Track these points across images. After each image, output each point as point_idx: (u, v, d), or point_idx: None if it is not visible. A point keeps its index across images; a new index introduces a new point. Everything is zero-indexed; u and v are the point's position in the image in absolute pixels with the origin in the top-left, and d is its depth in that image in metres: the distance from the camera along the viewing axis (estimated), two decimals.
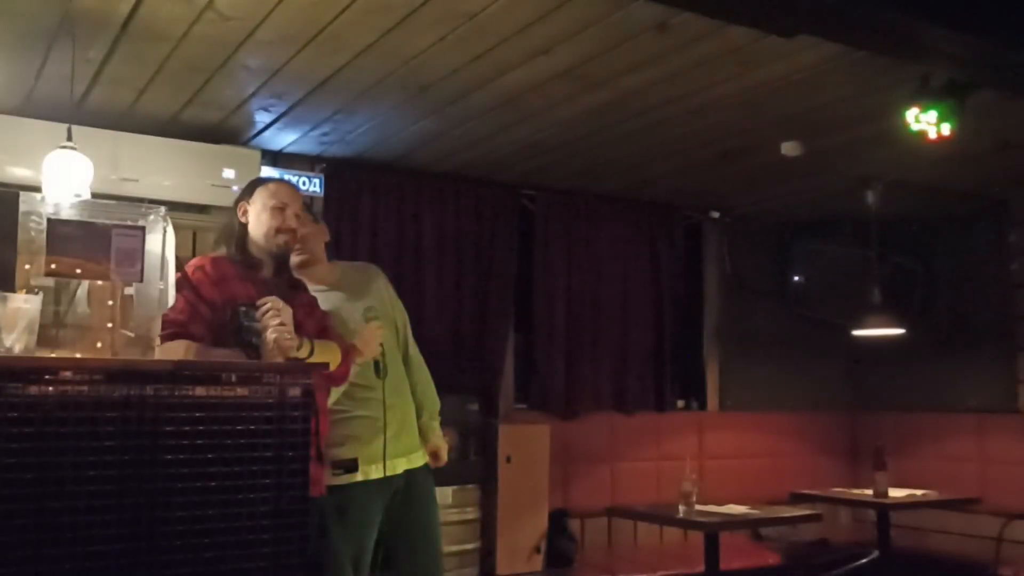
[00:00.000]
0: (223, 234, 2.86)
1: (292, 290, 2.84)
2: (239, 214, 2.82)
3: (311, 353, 2.61)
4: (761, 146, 4.51)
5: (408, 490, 3.20)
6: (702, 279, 6.14)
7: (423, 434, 3.33)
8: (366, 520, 3.10)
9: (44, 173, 3.32)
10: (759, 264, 6.17)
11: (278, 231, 2.77)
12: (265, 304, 2.50)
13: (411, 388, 3.34)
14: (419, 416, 3.34)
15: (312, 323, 2.83)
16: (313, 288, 3.06)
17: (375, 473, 3.10)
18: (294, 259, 3.07)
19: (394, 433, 3.16)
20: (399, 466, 3.17)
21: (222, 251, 2.81)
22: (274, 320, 2.47)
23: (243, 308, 2.55)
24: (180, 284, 2.60)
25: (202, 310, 2.58)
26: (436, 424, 3.37)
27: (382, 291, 3.37)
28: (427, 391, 3.40)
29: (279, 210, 2.78)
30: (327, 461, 3.00)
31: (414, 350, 3.44)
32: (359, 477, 3.07)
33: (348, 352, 2.89)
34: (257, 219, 2.79)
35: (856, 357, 6.26)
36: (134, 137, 4.13)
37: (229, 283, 2.68)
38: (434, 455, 3.34)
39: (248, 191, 2.86)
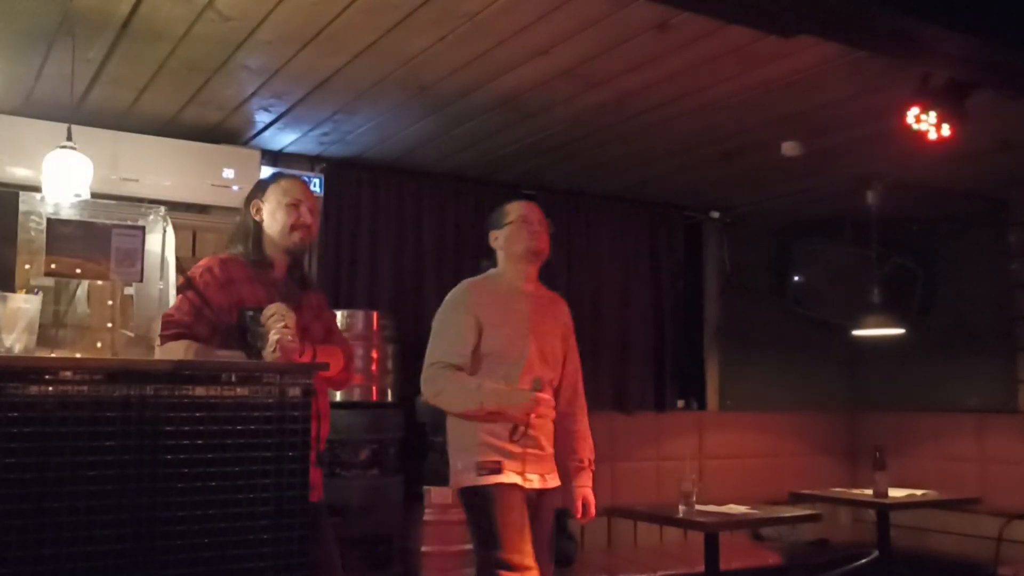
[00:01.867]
0: (237, 233, 2.85)
1: (302, 290, 2.84)
2: (252, 212, 2.82)
3: (313, 359, 2.61)
4: (761, 146, 4.51)
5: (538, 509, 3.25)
6: (702, 279, 6.14)
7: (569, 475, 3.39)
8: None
9: (44, 173, 3.32)
10: (759, 264, 6.16)
11: (293, 228, 2.77)
12: (270, 310, 2.50)
13: (569, 429, 3.41)
14: (570, 459, 3.40)
15: (319, 325, 2.83)
16: (523, 287, 3.31)
17: (513, 479, 3.16)
18: (538, 248, 3.29)
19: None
20: (534, 482, 3.20)
21: (236, 250, 2.80)
22: (278, 324, 2.47)
23: (249, 313, 2.55)
24: (186, 285, 2.60)
25: (207, 313, 2.57)
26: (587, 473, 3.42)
27: (563, 317, 3.46)
28: (584, 436, 3.45)
29: (294, 207, 2.77)
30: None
31: (581, 400, 3.50)
32: (505, 480, 3.13)
33: (351, 357, 2.89)
34: (272, 217, 2.79)
35: (856, 357, 6.26)
36: (134, 137, 4.13)
37: (237, 286, 2.68)
38: (583, 504, 3.37)
39: (260, 189, 2.85)
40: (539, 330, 3.30)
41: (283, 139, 4.50)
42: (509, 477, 3.12)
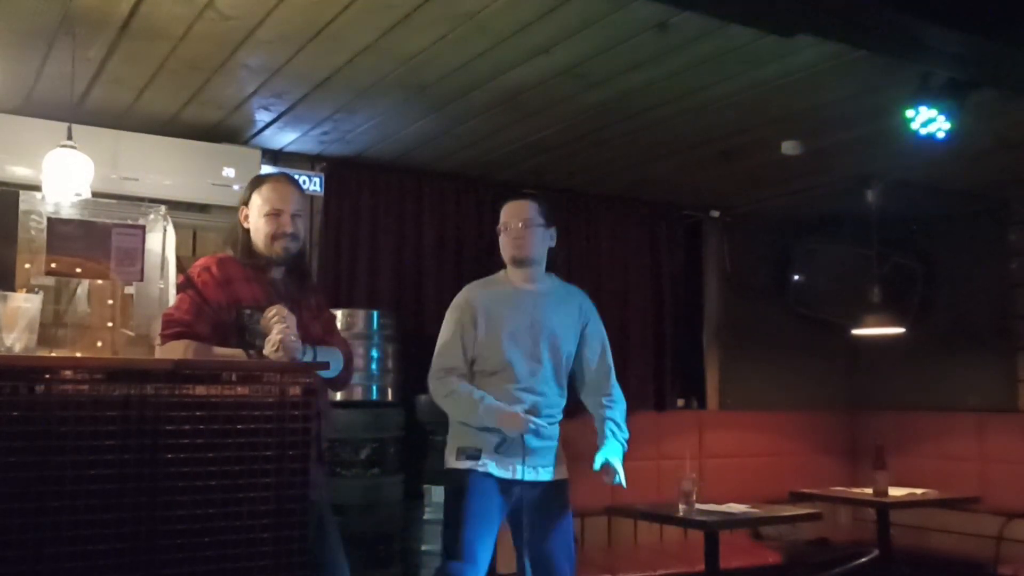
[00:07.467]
0: (228, 238, 2.86)
1: (301, 291, 2.83)
2: (241, 219, 2.82)
3: (314, 359, 2.61)
4: (761, 146, 4.51)
5: (535, 502, 3.31)
6: (702, 279, 6.14)
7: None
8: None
9: (44, 172, 3.32)
10: (759, 264, 6.16)
11: (275, 238, 2.76)
12: (271, 311, 2.50)
13: (600, 416, 3.46)
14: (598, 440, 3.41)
15: (318, 325, 2.83)
16: (521, 286, 3.34)
17: (496, 471, 3.25)
18: (517, 255, 3.33)
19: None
20: (526, 474, 3.27)
21: (229, 251, 2.81)
22: (279, 326, 2.46)
23: (247, 311, 2.55)
24: (185, 285, 2.60)
25: (206, 311, 2.57)
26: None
27: (571, 316, 3.47)
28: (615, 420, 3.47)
29: (274, 216, 2.76)
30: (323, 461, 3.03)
31: (610, 389, 3.52)
32: (479, 468, 3.23)
33: (350, 357, 2.89)
34: (255, 226, 2.78)
35: (856, 356, 6.26)
36: (134, 136, 4.13)
37: (234, 285, 2.68)
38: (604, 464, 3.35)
39: (247, 193, 2.85)
40: (537, 326, 3.36)
41: (283, 138, 4.49)
42: (485, 466, 3.24)
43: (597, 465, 3.30)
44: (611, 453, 3.33)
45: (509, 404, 3.25)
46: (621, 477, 3.29)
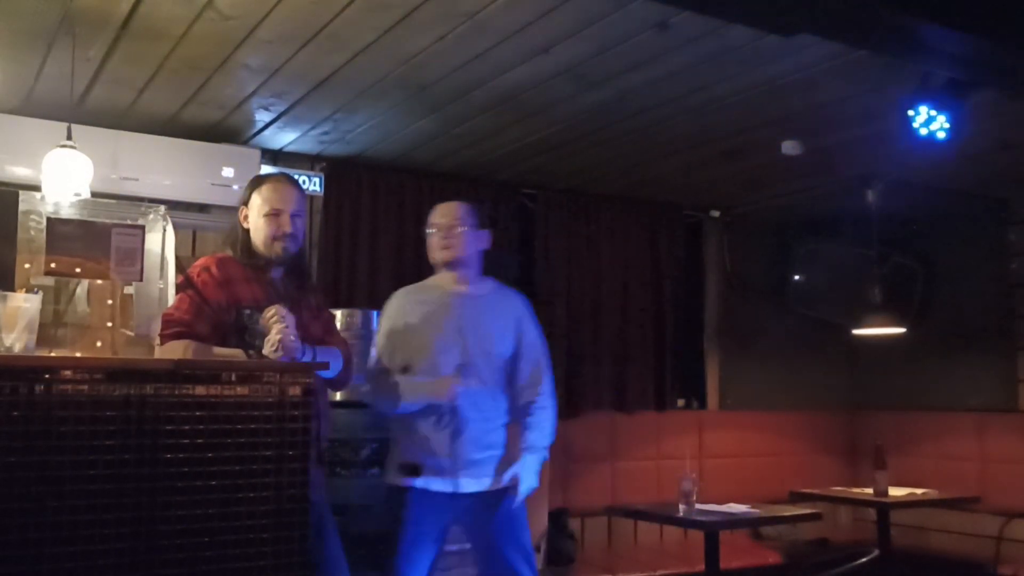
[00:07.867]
0: (228, 238, 2.86)
1: (300, 291, 2.83)
2: (241, 219, 2.82)
3: (313, 359, 2.61)
4: (761, 146, 4.51)
5: (482, 512, 3.21)
6: (702, 279, 6.14)
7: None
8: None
9: (44, 172, 3.32)
10: (759, 264, 6.16)
11: (274, 239, 2.76)
12: (270, 311, 2.50)
13: (523, 421, 3.29)
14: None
15: (318, 325, 2.83)
16: (452, 289, 3.23)
17: (437, 485, 3.15)
18: (442, 255, 3.23)
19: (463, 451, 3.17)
20: (467, 486, 3.17)
21: (230, 252, 2.81)
22: (278, 326, 2.47)
23: (247, 311, 2.55)
24: (184, 285, 2.60)
25: (206, 311, 2.58)
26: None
27: (511, 313, 3.32)
28: (534, 426, 3.29)
29: (274, 216, 2.76)
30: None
31: (536, 393, 3.30)
32: (418, 486, 3.15)
33: (350, 357, 2.89)
34: (255, 226, 2.79)
35: (856, 356, 6.26)
36: (134, 136, 4.13)
37: (234, 285, 2.68)
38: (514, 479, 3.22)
39: (247, 194, 2.85)
40: (468, 329, 3.23)
41: (283, 138, 4.49)
42: (427, 483, 3.14)
43: (506, 479, 3.19)
44: (524, 470, 3.20)
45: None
46: (519, 500, 3.19)
